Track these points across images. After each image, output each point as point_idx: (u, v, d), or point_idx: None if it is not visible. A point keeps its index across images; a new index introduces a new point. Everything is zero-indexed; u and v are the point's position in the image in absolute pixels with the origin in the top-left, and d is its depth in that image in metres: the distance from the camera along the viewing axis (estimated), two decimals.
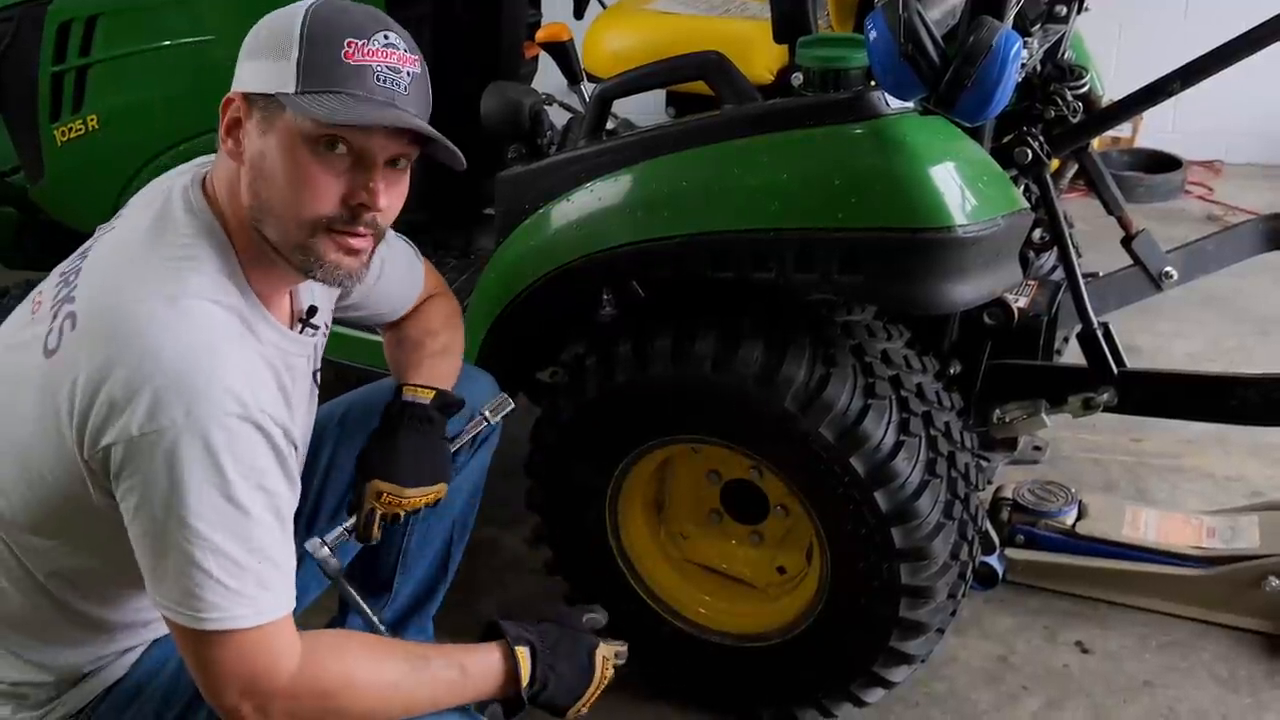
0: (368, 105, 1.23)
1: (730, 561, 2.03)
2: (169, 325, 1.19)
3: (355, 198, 1.27)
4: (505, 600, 2.34)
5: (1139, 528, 2.34)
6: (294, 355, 1.41)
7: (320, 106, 1.21)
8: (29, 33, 2.53)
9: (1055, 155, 1.97)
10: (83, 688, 1.40)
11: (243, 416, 1.18)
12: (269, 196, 1.26)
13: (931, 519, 1.71)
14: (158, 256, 1.27)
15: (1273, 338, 3.42)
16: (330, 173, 1.25)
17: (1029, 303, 2.04)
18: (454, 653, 1.37)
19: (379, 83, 1.24)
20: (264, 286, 1.34)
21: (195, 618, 1.19)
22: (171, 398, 1.15)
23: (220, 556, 1.18)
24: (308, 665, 1.24)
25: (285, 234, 1.27)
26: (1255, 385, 1.90)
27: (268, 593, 1.21)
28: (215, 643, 1.20)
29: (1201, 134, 4.81)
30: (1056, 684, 2.12)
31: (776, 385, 1.68)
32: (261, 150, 1.26)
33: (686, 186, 1.70)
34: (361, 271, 1.34)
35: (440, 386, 1.65)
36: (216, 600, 1.18)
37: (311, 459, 1.72)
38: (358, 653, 1.31)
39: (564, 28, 2.63)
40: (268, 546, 1.21)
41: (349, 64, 1.23)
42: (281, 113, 1.23)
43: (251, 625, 1.20)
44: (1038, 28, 1.90)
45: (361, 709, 1.29)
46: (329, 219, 1.27)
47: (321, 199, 1.26)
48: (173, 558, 1.18)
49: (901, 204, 1.56)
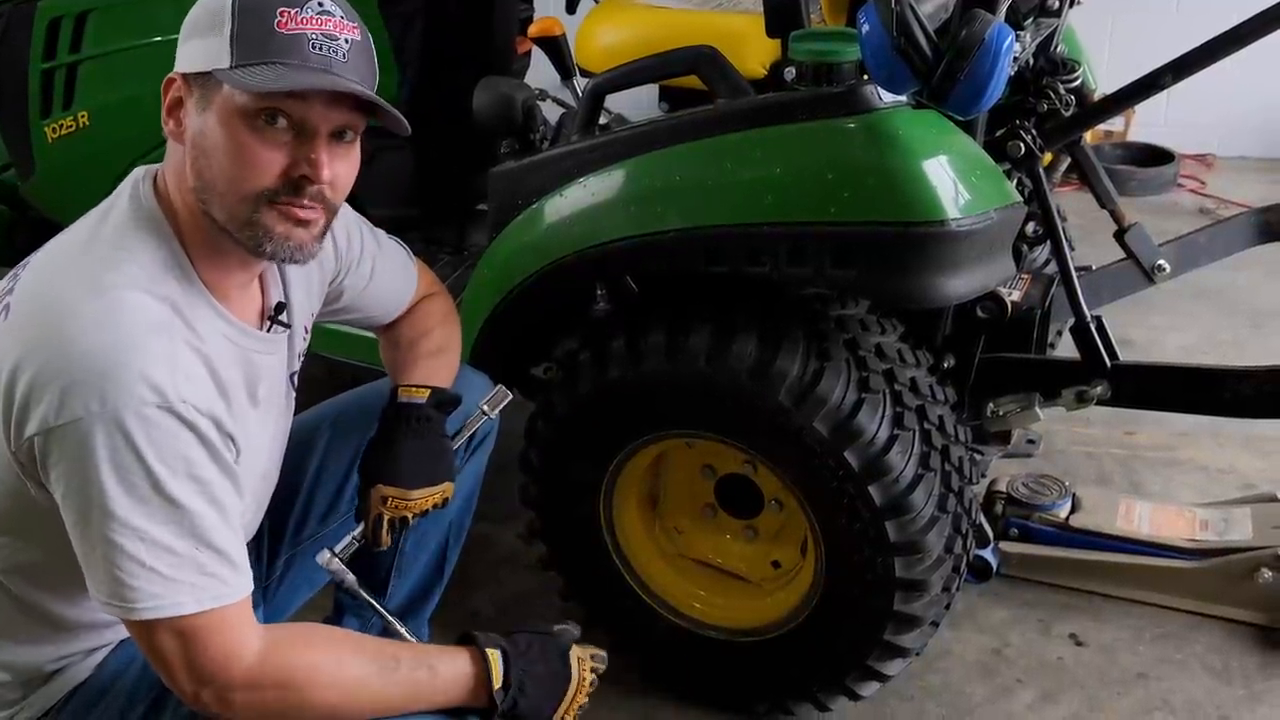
0: (301, 72, 1.21)
1: (725, 556, 2.03)
2: (90, 314, 1.18)
3: (297, 169, 1.25)
4: (500, 596, 2.34)
5: (1132, 520, 2.34)
6: (255, 351, 1.39)
7: (252, 77, 1.19)
8: (19, 29, 2.52)
9: (1048, 149, 1.98)
10: (48, 689, 1.38)
11: (161, 406, 1.16)
12: (211, 175, 1.25)
13: (926, 513, 1.71)
14: (93, 247, 1.26)
15: (1265, 330, 3.43)
16: (270, 145, 1.24)
17: (1022, 296, 2.04)
18: (424, 653, 1.36)
19: (314, 50, 1.22)
20: (216, 277, 1.32)
21: (130, 608, 1.18)
22: (86, 387, 1.14)
23: (151, 545, 1.17)
24: (270, 655, 1.23)
25: (231, 211, 1.26)
26: (1248, 378, 1.90)
27: (211, 579, 1.20)
28: (159, 631, 1.19)
29: (1194, 127, 4.83)
30: (1051, 676, 2.13)
31: (770, 380, 1.68)
32: (201, 128, 1.24)
33: (680, 181, 1.70)
34: (314, 245, 1.31)
35: (435, 384, 1.64)
36: (152, 589, 1.17)
37: (301, 461, 1.72)
38: (324, 647, 1.30)
39: (556, 22, 2.62)
40: (205, 533, 1.20)
41: (282, 33, 1.21)
42: (219, 89, 1.22)
43: (195, 611, 1.19)
44: (1030, 21, 1.89)
45: (325, 704, 1.27)
46: (271, 191, 1.25)
47: (262, 172, 1.24)
48: (101, 549, 1.17)
49: (894, 198, 1.56)
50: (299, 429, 1.74)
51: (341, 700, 1.28)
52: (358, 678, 1.28)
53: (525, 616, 2.29)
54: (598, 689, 1.45)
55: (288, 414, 1.56)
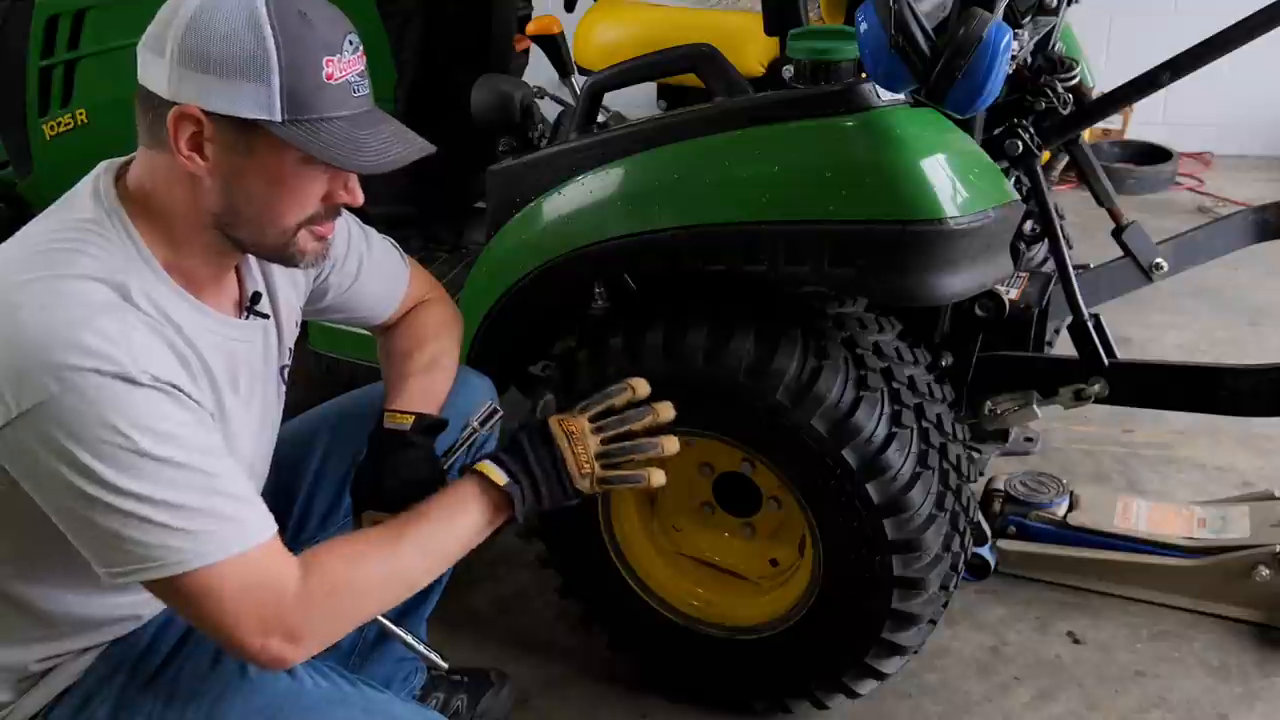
0: (363, 131, 1.25)
1: (723, 554, 2.03)
2: (34, 303, 1.17)
3: (336, 199, 1.31)
4: (498, 594, 2.35)
5: (1130, 518, 2.35)
6: (231, 339, 1.38)
7: (326, 149, 1.22)
8: (17, 27, 2.53)
9: (1046, 147, 1.98)
10: (36, 692, 1.37)
11: (120, 375, 1.15)
12: (249, 209, 1.27)
13: (923, 511, 1.71)
14: (46, 242, 1.25)
15: (1263, 329, 3.43)
16: (314, 180, 1.28)
17: (1020, 294, 2.04)
18: (432, 506, 1.40)
19: (353, 94, 1.25)
20: (184, 270, 1.31)
21: (157, 567, 1.17)
22: (40, 372, 1.13)
23: (158, 505, 1.16)
24: (309, 574, 1.26)
25: (265, 238, 1.30)
26: (1246, 376, 1.90)
27: (230, 523, 1.20)
28: (199, 587, 1.19)
29: (1192, 125, 4.83)
30: (1048, 674, 2.13)
31: (768, 378, 1.68)
32: (240, 170, 1.24)
33: (678, 179, 1.70)
34: (329, 250, 1.40)
35: (420, 409, 1.61)
36: (175, 544, 1.17)
37: (300, 463, 1.71)
38: (348, 547, 1.34)
39: (555, 20, 2.63)
40: (209, 481, 1.20)
41: (330, 85, 1.22)
42: (263, 136, 1.22)
43: (224, 558, 1.19)
44: (1028, 19, 1.89)
45: (377, 583, 1.32)
46: (310, 218, 1.30)
47: (306, 206, 1.29)
48: (104, 524, 1.16)
49: (892, 196, 1.56)
50: (298, 430, 1.74)
51: (391, 572, 1.34)
52: (390, 546, 1.34)
53: (524, 614, 2.30)
54: (596, 690, 1.45)
55: (276, 408, 1.55)
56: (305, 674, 1.40)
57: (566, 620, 2.21)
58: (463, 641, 2.16)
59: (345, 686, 1.41)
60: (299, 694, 1.38)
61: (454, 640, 1.61)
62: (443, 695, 1.96)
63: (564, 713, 2.07)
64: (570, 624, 2.19)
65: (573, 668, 2.16)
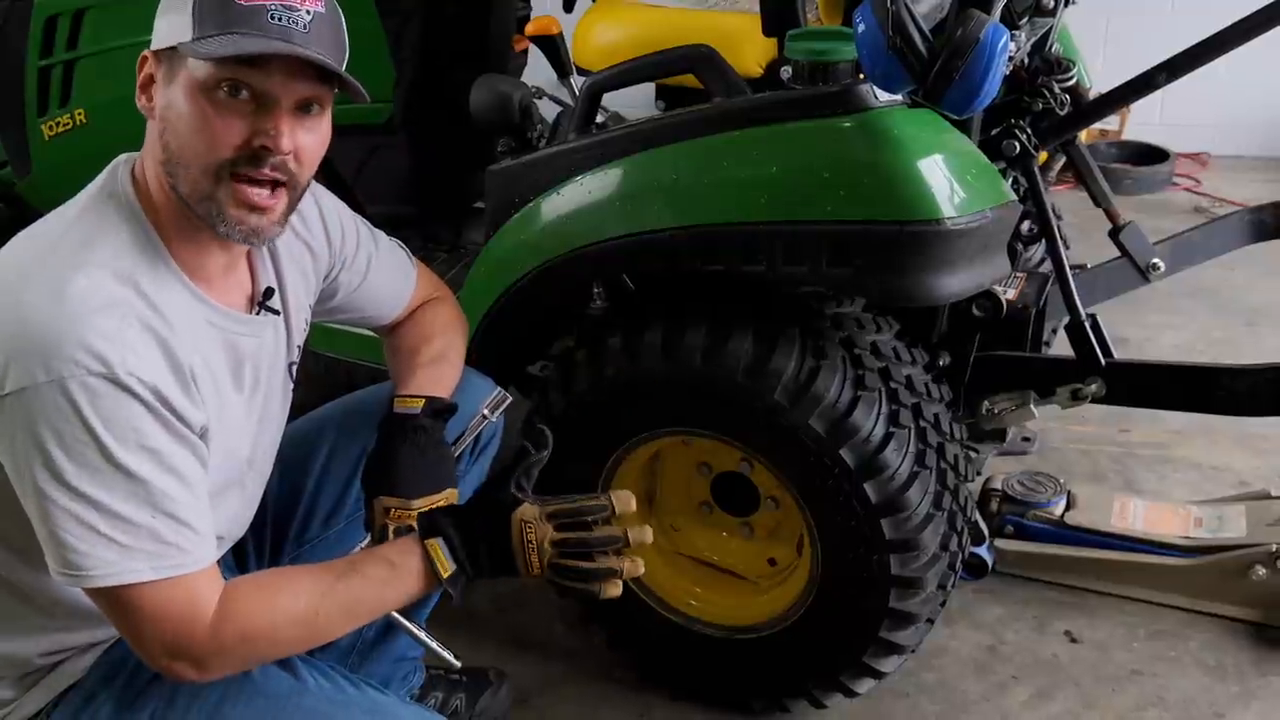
0: (252, 39, 1.22)
1: (721, 553, 2.03)
2: (42, 290, 1.19)
3: (257, 139, 1.25)
4: (495, 594, 2.35)
5: (1127, 518, 2.35)
6: (237, 334, 1.39)
7: (208, 46, 1.21)
8: (15, 27, 2.52)
9: (1043, 148, 1.98)
10: (41, 687, 1.38)
11: (106, 376, 1.17)
12: (176, 146, 1.26)
13: (921, 510, 1.72)
14: (60, 230, 1.27)
15: (1260, 329, 3.44)
16: (231, 116, 1.24)
17: (1017, 295, 2.04)
18: (370, 566, 1.36)
19: (273, 20, 1.23)
20: (194, 261, 1.32)
21: (85, 575, 1.18)
22: (31, 357, 1.15)
23: (105, 513, 1.18)
24: (228, 614, 1.25)
25: (193, 184, 1.26)
26: (1242, 376, 1.91)
27: (169, 548, 1.21)
28: (120, 600, 1.21)
29: (1189, 126, 4.83)
30: (1046, 673, 2.13)
31: (766, 378, 1.69)
32: (168, 102, 1.26)
33: (676, 180, 1.70)
34: (273, 229, 1.32)
35: (430, 394, 1.62)
36: (108, 556, 1.18)
37: (305, 462, 1.71)
38: (275, 585, 1.32)
39: (554, 21, 2.63)
40: (161, 502, 1.20)
41: (240, 5, 1.22)
42: (183, 63, 1.24)
43: (153, 579, 1.20)
44: (1025, 20, 1.90)
45: (295, 639, 1.31)
46: (232, 161, 1.25)
47: (222, 142, 1.24)
48: (55, 518, 1.17)
49: (890, 196, 1.57)
50: (303, 429, 1.74)
51: (309, 628, 1.31)
52: (316, 601, 1.30)
53: (522, 613, 2.30)
54: (595, 689, 1.45)
55: (283, 404, 1.55)
56: (308, 675, 1.40)
57: (565, 619, 2.21)
58: (461, 640, 2.14)
59: (348, 688, 1.41)
60: (302, 695, 1.38)
61: (452, 639, 1.60)
62: (441, 694, 1.96)
63: (562, 712, 2.07)
64: (569, 623, 2.19)
65: (571, 667, 2.16)
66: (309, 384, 1.71)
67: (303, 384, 1.61)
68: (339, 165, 2.39)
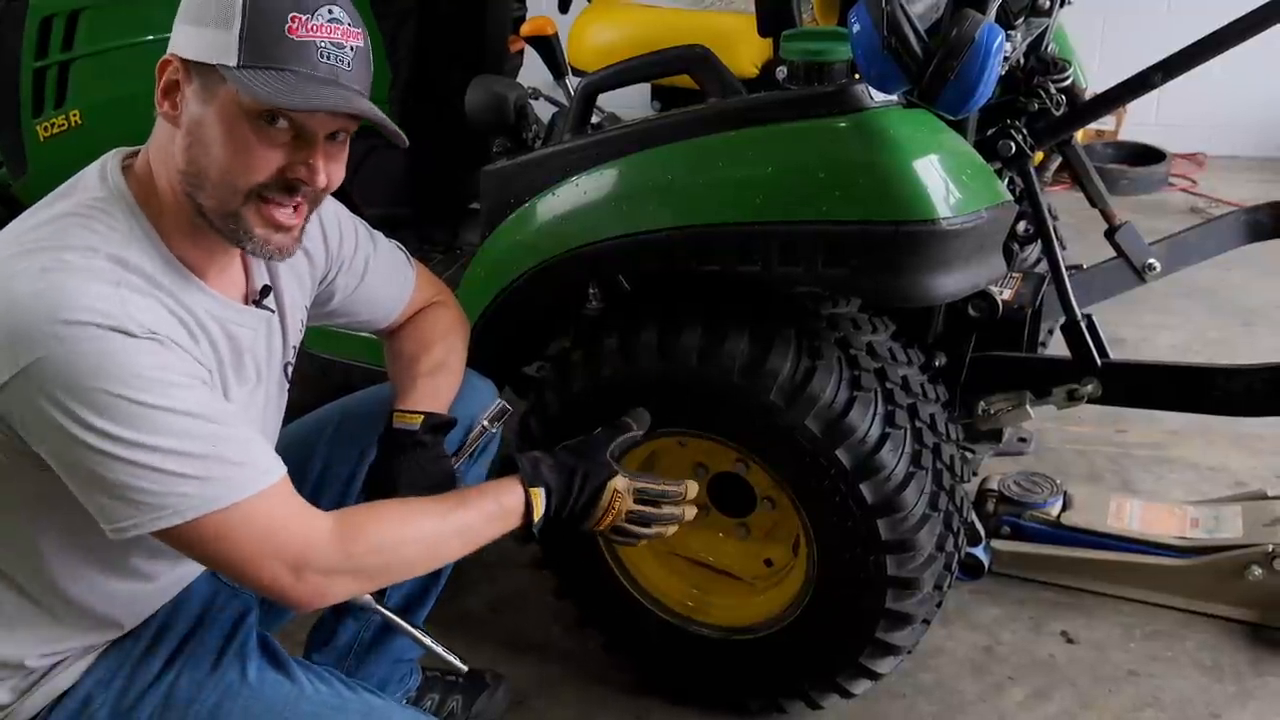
0: (311, 85, 1.22)
1: (717, 554, 2.03)
2: (31, 271, 1.17)
3: (294, 172, 1.27)
4: (493, 595, 2.35)
5: (1123, 518, 2.35)
6: (235, 324, 1.38)
7: (262, 86, 1.19)
8: (10, 28, 2.52)
9: (1039, 148, 1.98)
10: (33, 696, 1.36)
11: (115, 328, 1.15)
12: (206, 164, 1.25)
13: (917, 511, 1.72)
14: (49, 216, 1.26)
15: (1255, 329, 3.44)
16: (270, 145, 1.25)
17: (1013, 295, 2.04)
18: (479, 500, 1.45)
19: (322, 59, 1.23)
20: (192, 256, 1.32)
21: (172, 513, 1.17)
22: (35, 330, 1.13)
23: (164, 453, 1.16)
24: (347, 528, 1.29)
25: (219, 201, 1.26)
26: (1238, 376, 1.91)
27: (241, 468, 1.21)
28: (223, 532, 1.20)
29: (1185, 126, 4.85)
30: (1042, 674, 2.13)
31: (762, 378, 1.69)
32: (200, 119, 1.25)
33: (672, 180, 1.70)
34: (293, 246, 1.33)
35: (429, 409, 1.62)
36: (186, 490, 1.17)
37: (304, 465, 1.70)
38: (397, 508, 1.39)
39: (549, 21, 2.63)
40: (215, 432, 1.20)
41: (292, 39, 1.21)
42: (222, 84, 1.22)
43: (240, 499, 1.20)
44: (1021, 21, 1.90)
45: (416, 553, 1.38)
46: (262, 186, 1.26)
47: (259, 170, 1.25)
48: (112, 477, 1.16)
49: (886, 197, 1.57)
50: (302, 432, 1.74)
51: (431, 548, 1.39)
52: (437, 524, 1.38)
53: (519, 615, 2.30)
54: (592, 690, 1.46)
55: (279, 404, 1.55)
56: (305, 679, 1.40)
57: (562, 621, 2.21)
58: (459, 642, 2.14)
59: (345, 692, 1.41)
60: (299, 699, 1.38)
61: (450, 641, 1.61)
62: (438, 696, 1.96)
63: (560, 713, 2.07)
64: (566, 625, 2.19)
65: (569, 668, 2.16)
66: (304, 385, 1.71)
67: (298, 384, 1.61)
68: None
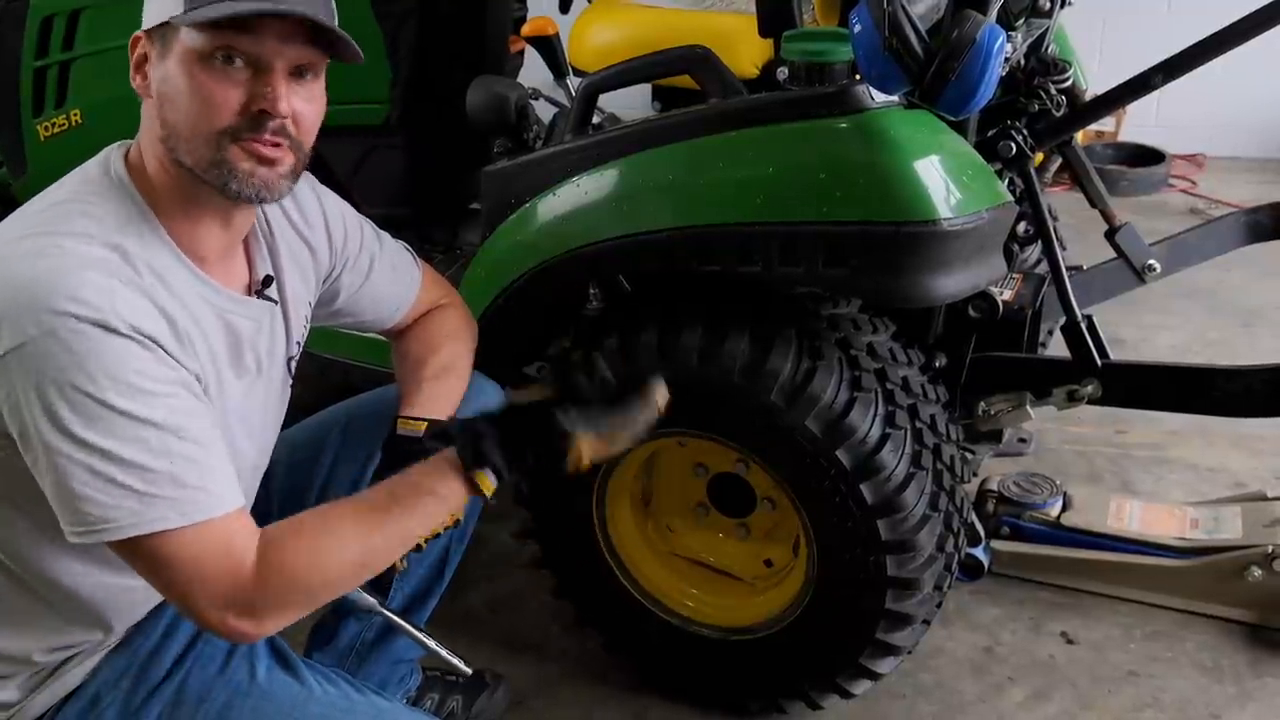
0: (243, 2, 1.22)
1: (717, 554, 2.03)
2: (26, 255, 1.17)
3: (255, 104, 1.25)
4: (492, 595, 2.35)
5: (1123, 519, 2.36)
6: (234, 314, 1.37)
7: (201, 13, 1.21)
8: (11, 27, 2.52)
9: (1039, 149, 1.98)
10: (41, 695, 1.36)
11: (96, 322, 1.14)
12: (175, 118, 1.26)
13: (917, 511, 1.72)
14: (49, 203, 1.27)
15: (1255, 330, 3.44)
16: (227, 83, 1.25)
17: (1013, 296, 2.04)
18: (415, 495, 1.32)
19: None
20: (192, 241, 1.32)
21: (110, 527, 1.15)
22: (20, 316, 1.13)
23: (119, 462, 1.15)
24: (269, 562, 1.21)
25: (197, 153, 1.26)
26: (1238, 377, 1.91)
27: (192, 492, 1.18)
28: (153, 553, 1.17)
29: (1185, 127, 4.85)
30: (1042, 674, 2.13)
31: (762, 379, 1.69)
32: (163, 76, 1.26)
33: (672, 180, 1.70)
34: (283, 183, 1.31)
35: (434, 416, 1.60)
36: (129, 505, 1.15)
37: (311, 465, 1.71)
38: (317, 528, 1.28)
39: (550, 22, 2.63)
40: (176, 447, 1.18)
41: None
42: (176, 36, 1.24)
43: (178, 526, 1.17)
44: (1021, 22, 1.90)
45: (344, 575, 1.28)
46: (233, 129, 1.25)
47: (221, 110, 1.24)
48: (68, 475, 1.14)
49: (886, 197, 1.57)
50: (308, 432, 1.74)
51: (360, 567, 1.28)
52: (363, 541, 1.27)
53: (518, 615, 2.30)
54: (591, 690, 1.45)
55: (281, 399, 1.54)
56: (314, 680, 1.40)
57: (561, 621, 2.21)
58: (458, 642, 2.14)
59: (353, 694, 1.41)
60: (308, 701, 1.38)
61: (449, 641, 1.61)
62: (438, 696, 1.96)
63: (559, 713, 2.07)
64: (565, 625, 2.19)
65: (568, 668, 2.16)
66: (304, 384, 1.71)
67: (298, 384, 1.61)
68: (335, 166, 2.39)
